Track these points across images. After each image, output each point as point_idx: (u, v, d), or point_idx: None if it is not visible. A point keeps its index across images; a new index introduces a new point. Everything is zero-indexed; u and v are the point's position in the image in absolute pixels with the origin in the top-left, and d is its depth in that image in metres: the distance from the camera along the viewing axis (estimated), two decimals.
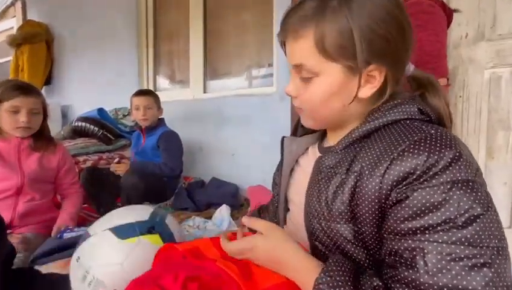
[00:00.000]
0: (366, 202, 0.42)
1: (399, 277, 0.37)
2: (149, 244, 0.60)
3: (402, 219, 0.38)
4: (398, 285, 0.37)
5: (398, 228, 0.39)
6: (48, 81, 3.01)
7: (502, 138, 1.33)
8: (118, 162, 1.82)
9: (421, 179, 0.38)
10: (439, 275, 0.34)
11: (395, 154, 0.40)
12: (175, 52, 2.44)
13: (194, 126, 2.11)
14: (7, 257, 0.69)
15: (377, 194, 0.41)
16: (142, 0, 2.44)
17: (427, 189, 0.37)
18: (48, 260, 0.93)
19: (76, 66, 2.85)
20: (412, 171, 0.38)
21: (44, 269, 0.88)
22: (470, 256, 0.34)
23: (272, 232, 0.48)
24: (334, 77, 0.46)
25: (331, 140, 0.56)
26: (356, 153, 0.46)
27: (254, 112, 1.87)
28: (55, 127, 2.17)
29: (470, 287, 0.33)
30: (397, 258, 0.38)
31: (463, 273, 0.34)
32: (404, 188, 0.39)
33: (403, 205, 0.38)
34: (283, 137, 0.65)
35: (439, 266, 0.35)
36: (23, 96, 1.03)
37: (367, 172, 0.42)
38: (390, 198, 0.40)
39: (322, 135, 0.61)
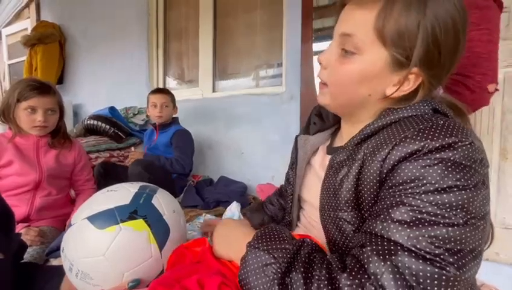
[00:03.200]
0: (368, 187, 0.42)
1: (368, 230, 0.39)
2: (131, 231, 0.53)
3: (387, 187, 0.40)
4: (363, 236, 0.39)
5: (381, 194, 0.40)
6: (60, 80, 3.07)
7: None
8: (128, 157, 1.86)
9: (415, 156, 0.38)
10: (395, 221, 0.36)
11: (398, 140, 0.40)
12: (184, 52, 2.47)
13: (203, 125, 2.13)
14: (17, 251, 0.70)
15: (377, 178, 0.41)
16: (152, 0, 2.48)
17: (418, 161, 0.37)
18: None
19: (87, 66, 2.90)
20: (412, 153, 0.38)
21: (58, 261, 0.91)
22: (431, 213, 0.35)
23: (228, 221, 0.57)
24: (376, 62, 0.44)
25: (345, 138, 0.56)
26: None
27: (263, 111, 1.88)
28: (67, 125, 2.21)
29: (412, 242, 0.34)
30: (372, 217, 0.41)
31: (429, 228, 0.34)
32: (398, 164, 0.39)
33: (394, 174, 0.39)
34: (297, 136, 0.65)
35: (406, 217, 0.36)
36: (40, 96, 1.05)
37: (369, 158, 0.42)
38: (385, 177, 0.41)
39: (332, 134, 0.62)
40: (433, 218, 0.35)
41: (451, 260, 0.33)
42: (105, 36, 2.71)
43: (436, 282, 0.32)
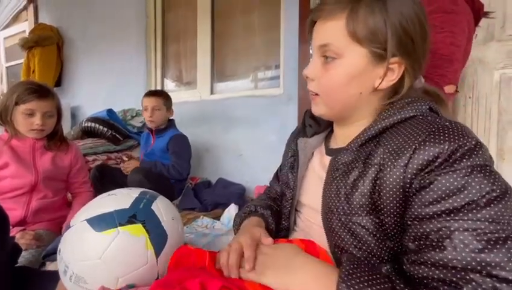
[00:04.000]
0: (390, 193, 0.42)
1: (424, 258, 0.38)
2: (129, 236, 0.53)
3: (427, 203, 0.39)
4: (423, 267, 0.38)
5: (423, 213, 0.39)
6: (58, 82, 3.07)
7: None
8: (128, 158, 1.84)
9: (443, 166, 0.39)
10: (467, 250, 0.35)
11: (417, 144, 0.41)
12: (183, 54, 2.47)
13: (201, 127, 2.13)
14: (11, 254, 0.69)
15: (401, 184, 0.42)
16: (150, 2, 2.48)
17: (450, 173, 0.38)
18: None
19: (85, 68, 2.90)
20: (434, 158, 0.40)
21: (54, 265, 0.90)
22: (494, 231, 0.35)
23: (282, 246, 0.50)
24: (358, 61, 0.47)
25: (340, 140, 0.56)
26: (372, 149, 0.47)
27: (261, 113, 1.88)
28: (64, 128, 2.19)
29: (497, 260, 0.34)
30: (422, 241, 0.39)
31: (489, 246, 0.35)
32: (426, 175, 0.40)
33: (427, 190, 0.39)
34: (295, 138, 0.65)
35: (465, 242, 0.36)
36: (38, 100, 1.05)
37: (389, 163, 0.43)
38: (413, 185, 0.41)
39: (325, 138, 0.62)
40: (496, 235, 0.35)
41: None
42: (104, 38, 2.71)
43: None
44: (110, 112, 2.13)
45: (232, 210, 1.38)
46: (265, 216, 0.64)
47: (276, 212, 0.67)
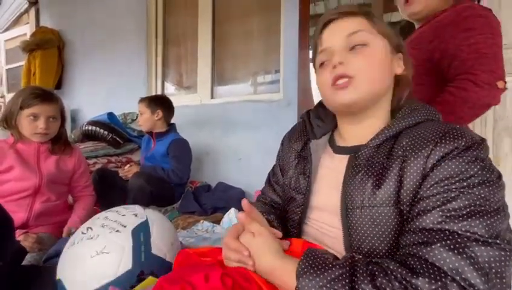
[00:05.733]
0: (411, 182, 0.45)
1: (408, 227, 0.43)
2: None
3: (432, 182, 0.44)
4: (406, 234, 0.43)
5: (428, 191, 0.44)
6: (58, 85, 3.08)
7: (508, 146, 1.33)
8: (127, 162, 1.85)
9: (454, 154, 0.44)
10: (447, 215, 0.40)
11: (438, 138, 0.45)
12: (183, 58, 2.49)
13: (201, 131, 2.14)
14: (15, 256, 0.70)
15: (422, 171, 0.45)
16: (151, 6, 2.50)
17: (456, 158, 0.43)
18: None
19: (86, 71, 2.92)
20: (450, 151, 0.44)
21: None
22: (482, 205, 0.40)
23: (263, 235, 0.51)
24: (383, 49, 0.54)
25: (351, 138, 0.57)
26: (393, 144, 0.50)
27: (261, 117, 1.90)
28: None
29: (472, 225, 0.39)
30: (415, 215, 0.44)
31: (469, 216, 0.39)
32: (438, 162, 0.44)
33: (434, 171, 0.44)
34: (297, 140, 0.65)
35: (463, 211, 0.40)
36: (42, 104, 1.08)
37: (413, 153, 0.46)
38: (427, 171, 0.45)
39: (328, 140, 0.63)
40: (483, 208, 0.40)
41: (503, 241, 0.39)
42: (104, 42, 2.73)
43: (501, 263, 0.37)
44: (110, 115, 2.14)
45: (232, 214, 1.39)
46: (270, 221, 0.63)
47: (278, 217, 0.65)
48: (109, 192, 1.65)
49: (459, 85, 0.81)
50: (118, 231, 0.60)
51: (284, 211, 0.65)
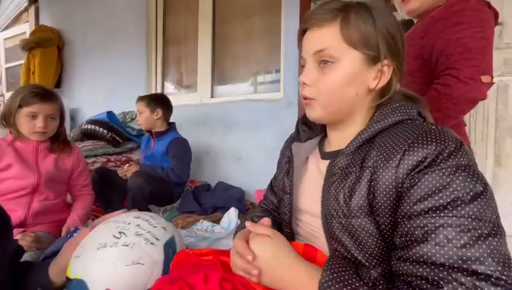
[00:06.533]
0: (384, 193, 0.44)
1: (409, 254, 0.40)
2: None
3: (414, 200, 0.41)
4: (408, 263, 0.40)
5: (411, 210, 0.41)
6: (58, 84, 3.07)
7: (510, 146, 1.33)
8: (126, 161, 1.84)
9: (430, 165, 0.41)
10: (450, 245, 0.37)
11: (406, 146, 0.44)
12: (183, 57, 2.49)
13: (201, 130, 2.13)
14: (13, 255, 0.69)
15: (394, 184, 0.43)
16: (151, 5, 2.50)
17: (436, 172, 0.41)
18: None
19: (85, 70, 2.91)
20: (423, 159, 0.42)
21: None
22: (477, 228, 0.38)
23: (275, 239, 0.48)
24: (353, 64, 0.50)
25: (334, 144, 0.57)
26: (366, 152, 0.48)
27: (261, 117, 1.89)
28: None
29: (477, 255, 0.36)
30: (408, 238, 0.41)
31: (471, 242, 0.37)
32: (416, 174, 0.42)
33: (415, 188, 0.42)
34: (290, 143, 0.65)
35: (449, 237, 0.38)
36: (41, 103, 1.06)
37: (382, 164, 0.45)
38: (404, 185, 0.43)
39: (319, 142, 0.63)
40: (479, 231, 0.37)
41: (505, 273, 0.36)
42: (104, 41, 2.72)
43: None
44: (110, 114, 2.13)
45: (231, 214, 1.38)
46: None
47: (275, 221, 0.67)
48: (108, 191, 1.65)
49: (443, 82, 0.79)
50: (152, 243, 0.61)
51: (279, 213, 0.67)
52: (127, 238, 0.60)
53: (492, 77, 0.82)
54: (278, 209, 0.69)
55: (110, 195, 1.64)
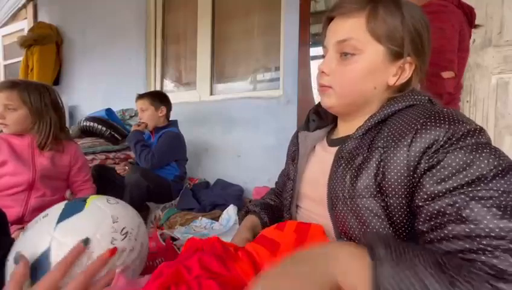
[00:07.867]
0: (394, 173, 0.43)
1: (444, 232, 0.37)
2: None
3: (438, 180, 0.40)
4: (445, 241, 0.37)
5: (436, 191, 0.40)
6: (57, 81, 3.06)
7: (509, 143, 1.33)
8: (125, 159, 1.83)
9: (447, 144, 0.40)
10: (488, 217, 0.35)
11: (418, 126, 0.43)
12: (182, 55, 2.48)
13: (200, 128, 2.13)
14: (9, 252, 0.69)
15: (405, 163, 0.43)
16: (151, 3, 2.49)
17: (458, 150, 0.39)
18: None
19: (84, 67, 2.90)
20: (436, 139, 0.41)
21: None
22: (508, 200, 0.35)
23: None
24: (375, 57, 0.50)
25: (342, 132, 0.58)
26: (376, 134, 0.49)
27: (260, 114, 1.89)
28: None
29: None
30: (440, 219, 0.38)
31: (506, 215, 0.35)
32: (433, 154, 0.41)
33: (438, 167, 0.40)
34: (297, 131, 0.67)
35: (484, 209, 0.35)
36: None
37: (393, 144, 0.45)
38: (420, 166, 0.42)
39: (328, 132, 0.64)
40: (511, 203, 0.35)
41: None
42: (103, 38, 2.71)
43: None
44: (109, 111, 2.13)
45: (230, 211, 1.38)
46: (257, 212, 0.69)
47: (274, 207, 0.70)
48: (107, 188, 1.64)
49: None
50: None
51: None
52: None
53: (454, 72, 0.89)
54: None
55: (108, 192, 1.62)
